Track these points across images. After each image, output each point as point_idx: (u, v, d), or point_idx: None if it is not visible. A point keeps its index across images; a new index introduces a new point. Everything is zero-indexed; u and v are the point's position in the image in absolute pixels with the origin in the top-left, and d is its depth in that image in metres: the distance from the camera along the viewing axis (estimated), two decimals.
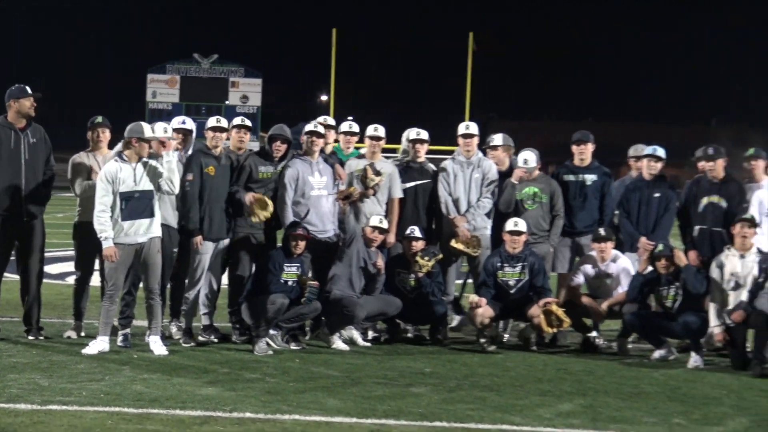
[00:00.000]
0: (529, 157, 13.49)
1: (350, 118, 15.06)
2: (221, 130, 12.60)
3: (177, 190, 11.90)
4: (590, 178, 13.54)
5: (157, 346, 11.65)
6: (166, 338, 12.09)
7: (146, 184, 11.63)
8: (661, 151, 13.57)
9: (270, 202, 12.41)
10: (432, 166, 13.75)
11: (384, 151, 13.87)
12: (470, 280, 14.09)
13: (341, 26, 35.89)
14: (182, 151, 12.59)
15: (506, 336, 13.47)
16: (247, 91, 49.28)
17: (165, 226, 11.99)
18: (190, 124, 12.95)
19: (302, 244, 12.25)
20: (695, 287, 12.29)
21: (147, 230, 11.66)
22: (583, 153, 13.66)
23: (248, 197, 12.37)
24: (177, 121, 12.95)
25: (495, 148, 14.05)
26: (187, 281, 12.53)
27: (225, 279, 13.05)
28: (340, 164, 13.21)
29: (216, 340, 12.58)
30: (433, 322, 13.19)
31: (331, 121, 14.14)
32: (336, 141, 14.10)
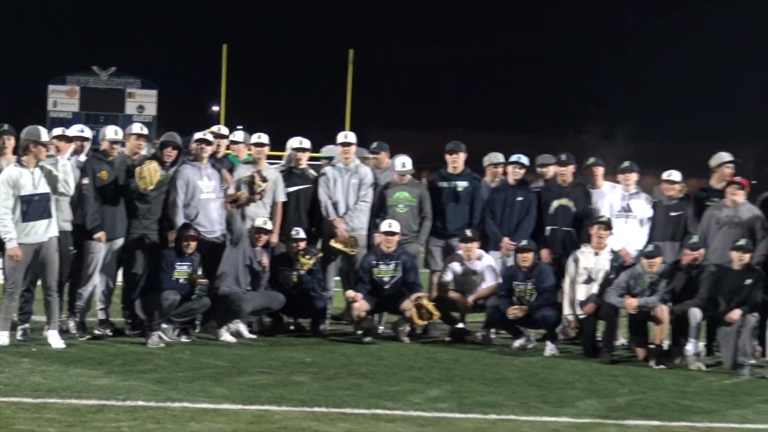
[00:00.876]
0: (406, 161, 13.58)
1: (240, 126, 14.97)
2: (116, 142, 12.44)
3: (72, 192, 11.71)
4: (462, 184, 13.64)
5: (54, 339, 11.43)
6: (63, 332, 11.85)
7: (44, 187, 11.40)
8: (524, 159, 13.76)
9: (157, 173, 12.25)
10: (313, 172, 13.74)
11: (269, 157, 13.85)
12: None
13: (232, 42, 35.62)
14: (78, 156, 12.41)
15: (381, 328, 13.52)
16: (143, 101, 48.59)
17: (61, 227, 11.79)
18: (87, 132, 12.85)
19: (193, 244, 12.14)
20: (547, 282, 12.51)
21: (45, 231, 11.43)
22: (456, 161, 13.76)
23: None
24: (75, 129, 12.77)
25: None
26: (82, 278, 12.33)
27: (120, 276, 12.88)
28: (229, 170, 13.17)
29: (111, 334, 12.39)
30: (313, 315, 13.19)
31: (224, 130, 14.09)
32: (227, 148, 14.04)
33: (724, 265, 12.07)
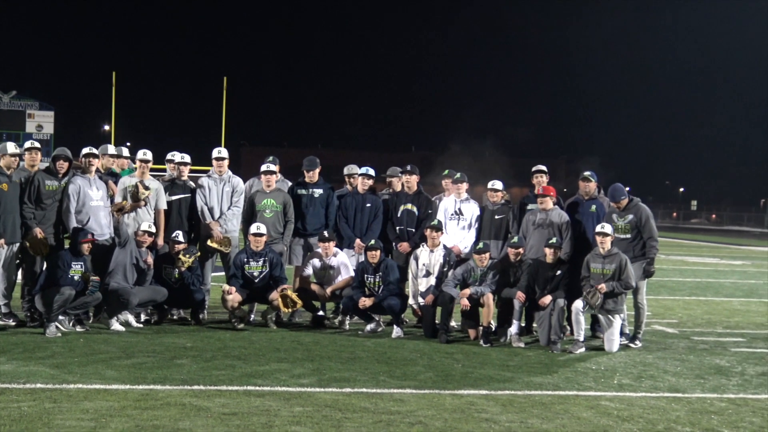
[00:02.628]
0: (272, 164, 13.54)
1: (128, 144, 14.63)
2: (15, 155, 12.03)
3: None
4: (318, 191, 13.65)
5: None
6: None
7: None
8: (371, 171, 13.84)
9: (46, 247, 11.95)
10: (192, 183, 13.58)
11: (154, 170, 13.63)
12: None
13: (120, 68, 35.01)
14: None
15: (252, 316, 13.40)
16: (41, 121, 47.31)
17: None
18: None
19: (89, 247, 11.84)
20: (392, 276, 12.57)
21: None
22: (312, 175, 13.75)
23: (35, 231, 11.90)
24: None
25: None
26: None
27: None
28: (114, 182, 12.92)
29: (13, 324, 11.97)
30: (193, 306, 12.97)
31: (125, 151, 13.92)
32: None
33: (539, 259, 12.34)
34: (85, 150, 12.52)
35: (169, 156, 13.77)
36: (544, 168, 13.35)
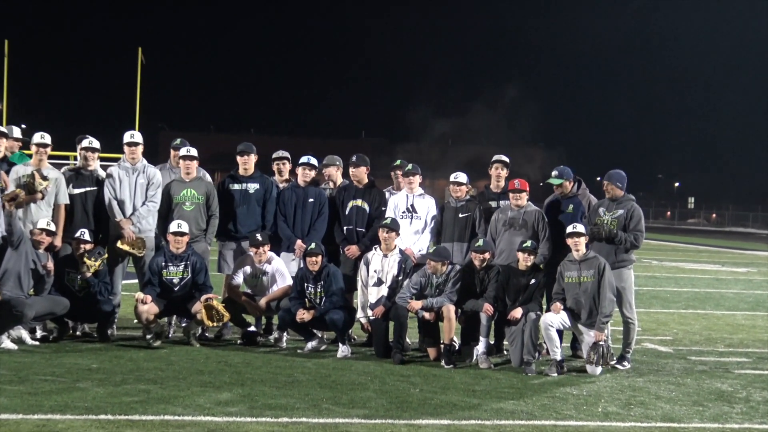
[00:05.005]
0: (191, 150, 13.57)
1: (23, 126, 14.49)
2: None
3: None
4: (253, 186, 13.60)
5: None
6: None
7: None
8: (314, 160, 13.81)
9: None
10: (102, 173, 13.45)
11: (53, 158, 13.48)
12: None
13: (13, 38, 34.52)
14: None
15: (171, 331, 13.32)
16: None
17: None
18: None
19: None
20: (335, 285, 12.55)
21: None
22: (246, 163, 13.69)
23: None
24: None
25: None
26: None
27: None
28: (7, 171, 12.75)
29: None
30: (100, 319, 12.87)
31: (2, 129, 13.63)
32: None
33: (510, 266, 12.38)
34: None
35: (83, 143, 13.51)
36: (505, 158, 13.43)
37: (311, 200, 13.58)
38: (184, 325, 13.26)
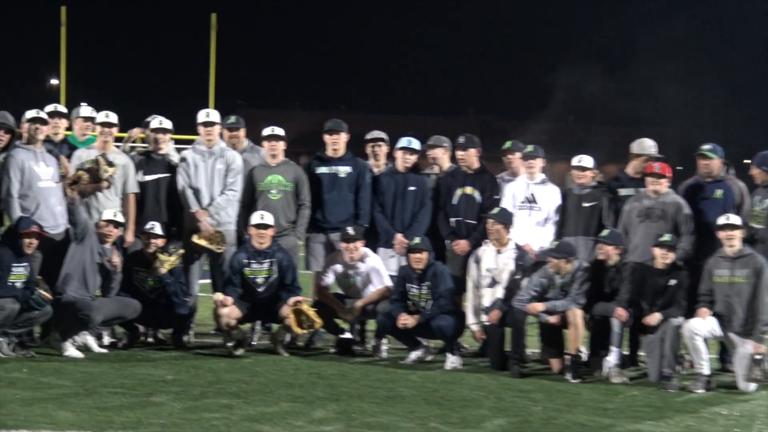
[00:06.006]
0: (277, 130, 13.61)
1: (84, 103, 14.75)
2: None
3: None
4: (344, 169, 13.63)
5: None
6: None
7: None
8: (415, 143, 13.77)
9: None
10: (174, 159, 13.61)
11: (119, 139, 13.71)
12: None
13: (71, 3, 35.00)
14: None
15: (255, 338, 13.43)
16: None
17: None
18: None
19: (35, 243, 11.90)
20: (443, 286, 12.52)
21: None
22: (336, 143, 13.73)
23: None
24: None
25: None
26: None
27: None
28: (68, 156, 13.00)
29: None
30: (175, 325, 13.04)
31: (61, 108, 13.85)
32: (68, 129, 13.82)
33: (645, 264, 12.25)
34: (31, 113, 12.58)
35: (152, 123, 13.71)
36: (655, 151, 13.22)
37: (412, 188, 13.57)
38: (269, 331, 13.39)
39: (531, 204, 13.31)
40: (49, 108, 13.48)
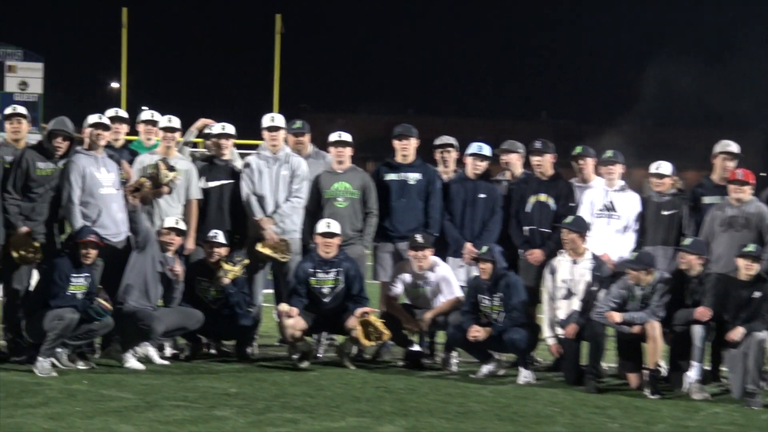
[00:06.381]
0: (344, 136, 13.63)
1: (145, 108, 14.89)
2: None
3: None
4: (413, 176, 13.63)
5: None
6: None
7: None
8: (486, 150, 13.75)
9: (36, 252, 12.23)
10: (238, 164, 13.68)
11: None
12: None
13: (133, 4, 35.28)
14: None
15: (321, 350, 13.47)
16: (26, 76, 47.88)
17: None
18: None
19: (94, 252, 12.01)
20: (516, 297, 12.48)
21: None
22: (406, 149, 13.74)
23: (22, 230, 12.18)
24: None
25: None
26: None
27: None
28: (130, 162, 13.13)
29: None
30: (238, 336, 13.11)
31: (122, 113, 13.98)
32: (132, 134, 13.97)
33: (729, 275, 12.15)
34: (92, 118, 12.71)
35: (214, 128, 13.82)
36: (734, 148, 13.12)
37: (482, 196, 13.55)
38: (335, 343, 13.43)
39: (610, 212, 13.24)
40: (110, 113, 13.61)
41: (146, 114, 13.91)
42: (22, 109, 12.85)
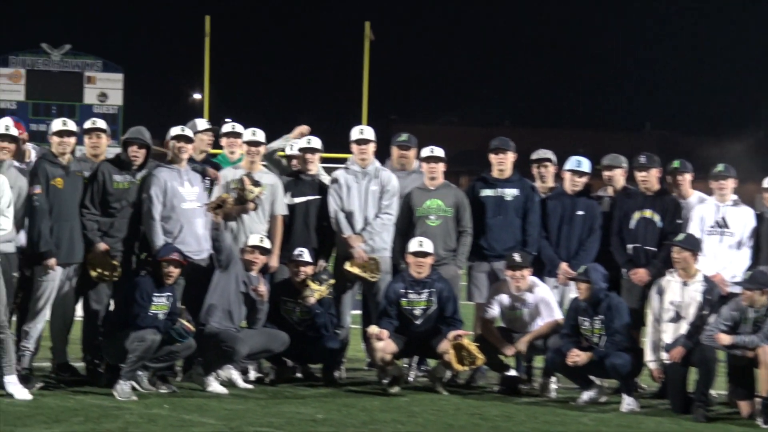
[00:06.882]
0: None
1: (228, 120, 15.01)
2: (69, 134, 12.41)
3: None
4: (511, 192, 13.58)
5: (16, 388, 11.44)
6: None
7: None
8: (585, 165, 13.64)
9: (115, 270, 12.37)
10: (325, 179, 13.73)
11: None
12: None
13: (216, 12, 35.57)
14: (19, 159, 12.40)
15: (412, 375, 13.46)
16: (105, 87, 48.36)
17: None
18: (13, 130, 12.26)
19: (176, 271, 12.13)
20: (618, 320, 12.36)
21: None
22: (503, 163, 13.70)
23: (100, 247, 12.33)
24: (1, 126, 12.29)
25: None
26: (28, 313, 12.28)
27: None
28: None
29: (67, 381, 12.40)
30: (325, 359, 13.15)
31: (205, 124, 14.09)
32: (216, 147, 14.11)
33: None
34: (176, 130, 12.85)
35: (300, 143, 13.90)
36: None
37: (581, 213, 13.48)
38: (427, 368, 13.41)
39: (722, 228, 13.09)
40: (202, 124, 13.80)
41: (227, 126, 13.99)
42: (101, 123, 13.01)
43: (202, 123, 14.01)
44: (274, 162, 14.01)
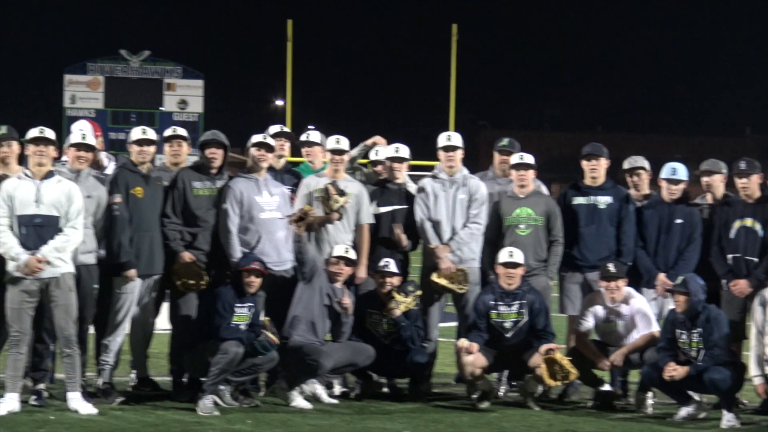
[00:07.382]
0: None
1: (311, 127, 15.08)
2: (148, 143, 12.56)
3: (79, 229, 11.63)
4: (604, 200, 13.53)
5: (80, 404, 11.54)
6: (91, 395, 11.95)
7: (51, 208, 11.47)
8: (681, 172, 13.52)
9: (203, 275, 12.49)
10: (412, 188, 13.74)
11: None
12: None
13: (298, 17, 35.75)
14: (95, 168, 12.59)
15: (502, 390, 13.46)
16: (186, 94, 48.67)
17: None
18: (90, 138, 12.41)
19: (258, 281, 12.22)
20: (717, 333, 12.26)
21: (52, 264, 11.47)
22: (596, 170, 13.66)
23: (185, 257, 12.47)
24: (77, 134, 12.40)
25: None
26: (107, 326, 12.44)
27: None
28: (295, 184, 13.37)
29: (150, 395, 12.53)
30: (412, 373, 13.16)
31: (278, 129, 14.16)
32: (297, 155, 14.17)
33: None
34: (257, 138, 12.93)
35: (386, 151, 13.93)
36: None
37: (679, 221, 13.38)
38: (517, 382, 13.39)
39: None
40: (274, 129, 13.85)
41: (304, 135, 14.05)
42: (182, 131, 13.15)
43: (274, 128, 14.04)
44: (355, 169, 14.06)
